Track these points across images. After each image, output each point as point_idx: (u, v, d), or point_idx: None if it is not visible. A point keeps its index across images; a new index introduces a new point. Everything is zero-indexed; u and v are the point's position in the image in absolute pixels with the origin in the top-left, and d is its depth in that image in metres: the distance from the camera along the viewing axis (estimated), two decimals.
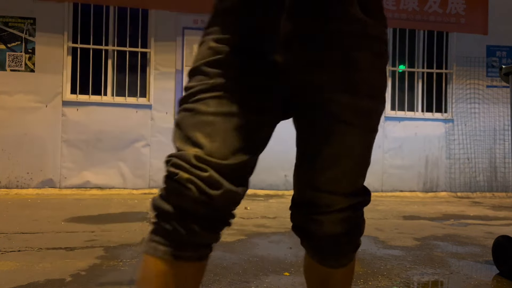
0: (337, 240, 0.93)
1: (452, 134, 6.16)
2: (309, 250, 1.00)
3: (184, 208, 0.80)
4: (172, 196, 0.81)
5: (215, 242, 0.86)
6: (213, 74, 0.85)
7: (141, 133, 5.46)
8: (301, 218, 0.94)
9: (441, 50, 6.26)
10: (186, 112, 0.85)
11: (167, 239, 0.81)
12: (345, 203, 0.89)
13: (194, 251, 0.83)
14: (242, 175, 0.84)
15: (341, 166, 0.87)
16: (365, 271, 2.32)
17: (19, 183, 5.19)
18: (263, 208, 4.24)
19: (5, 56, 5.20)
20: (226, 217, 0.85)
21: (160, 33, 5.52)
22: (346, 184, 0.89)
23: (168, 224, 0.81)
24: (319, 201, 0.89)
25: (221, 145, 0.81)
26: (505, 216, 4.38)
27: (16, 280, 2.06)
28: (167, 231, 0.81)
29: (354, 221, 0.94)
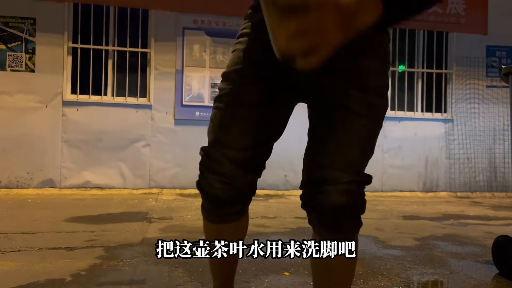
0: (342, 211, 1.02)
1: (452, 134, 6.16)
2: (316, 225, 1.09)
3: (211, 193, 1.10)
4: (201, 184, 1.12)
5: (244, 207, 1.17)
6: (237, 79, 1.07)
7: (141, 133, 5.47)
8: (310, 193, 1.05)
9: (441, 50, 6.26)
10: (215, 110, 1.10)
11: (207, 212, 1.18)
12: (350, 177, 1.02)
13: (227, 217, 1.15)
14: (257, 162, 1.11)
15: (351, 149, 1.02)
16: (365, 271, 2.32)
17: (19, 183, 5.20)
18: (263, 208, 4.24)
19: (5, 56, 5.21)
20: (248, 194, 1.14)
21: (160, 33, 5.52)
22: (352, 164, 1.03)
23: (204, 203, 1.16)
24: (328, 176, 1.02)
25: (239, 139, 1.06)
26: (505, 216, 4.39)
27: (16, 280, 2.07)
28: (204, 207, 1.18)
29: (357, 194, 1.04)
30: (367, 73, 1.03)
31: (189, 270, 2.24)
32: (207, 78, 5.55)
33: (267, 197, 4.90)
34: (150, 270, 2.27)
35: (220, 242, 1.12)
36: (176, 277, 2.16)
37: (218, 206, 1.14)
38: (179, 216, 3.82)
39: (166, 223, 3.51)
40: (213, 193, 1.10)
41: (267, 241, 1.10)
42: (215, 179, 1.08)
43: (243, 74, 1.08)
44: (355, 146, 1.02)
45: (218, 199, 1.11)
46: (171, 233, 3.14)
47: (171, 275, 2.19)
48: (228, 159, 1.07)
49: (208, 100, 5.55)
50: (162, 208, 4.28)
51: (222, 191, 1.09)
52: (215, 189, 1.09)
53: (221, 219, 1.16)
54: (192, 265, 2.30)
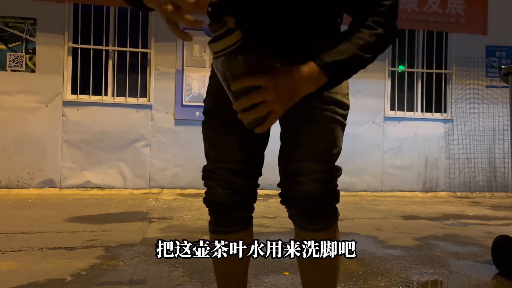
0: (317, 199, 1.10)
1: (452, 134, 6.17)
2: (294, 217, 1.16)
3: (215, 199, 1.18)
4: (206, 196, 1.21)
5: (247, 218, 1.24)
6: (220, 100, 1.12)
7: (142, 133, 5.47)
8: (286, 186, 1.13)
9: (440, 50, 6.26)
10: (205, 132, 1.20)
11: (212, 224, 1.22)
12: (321, 167, 1.10)
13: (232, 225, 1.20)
14: (252, 170, 1.19)
15: (319, 143, 1.10)
16: (365, 271, 2.33)
17: (19, 183, 5.20)
18: (263, 208, 4.25)
19: (6, 56, 5.21)
20: (249, 199, 1.22)
21: (160, 33, 5.52)
22: (322, 156, 1.10)
23: (210, 214, 1.23)
24: (301, 167, 1.10)
25: (231, 156, 1.16)
26: (504, 216, 4.39)
27: (16, 279, 2.07)
28: (210, 222, 1.23)
29: (330, 182, 1.11)
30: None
31: (189, 270, 2.25)
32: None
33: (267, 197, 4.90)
34: (150, 270, 2.28)
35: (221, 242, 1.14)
36: (176, 277, 2.16)
37: (222, 212, 1.19)
38: (179, 216, 3.83)
39: (166, 223, 3.52)
40: (216, 198, 1.18)
41: (267, 241, 1.10)
42: (216, 185, 1.17)
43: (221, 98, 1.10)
44: (322, 141, 1.10)
45: (221, 203, 1.18)
46: (171, 233, 3.15)
47: (171, 275, 2.20)
48: (225, 170, 1.16)
49: None
50: (162, 208, 4.28)
51: (225, 195, 1.17)
52: (218, 194, 1.17)
53: (226, 228, 1.20)
54: (192, 265, 2.30)
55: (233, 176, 1.16)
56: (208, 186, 1.20)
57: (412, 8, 6.06)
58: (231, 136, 1.15)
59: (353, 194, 5.65)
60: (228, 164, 1.16)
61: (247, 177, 1.18)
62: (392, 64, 6.12)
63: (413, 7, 6.06)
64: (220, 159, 1.17)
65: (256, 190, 1.23)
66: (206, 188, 1.20)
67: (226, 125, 1.14)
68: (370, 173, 5.94)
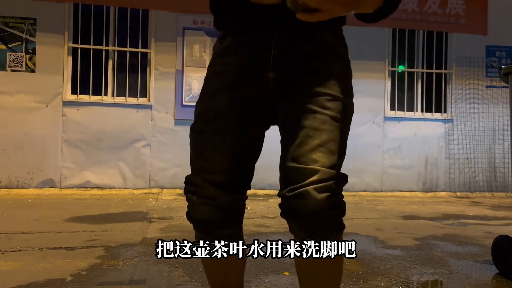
0: (322, 215, 0.99)
1: (452, 134, 6.17)
2: (297, 232, 1.05)
3: (199, 217, 1.11)
4: (189, 212, 1.14)
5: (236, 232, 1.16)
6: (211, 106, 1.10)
7: (142, 133, 5.47)
8: (288, 198, 1.01)
9: (440, 50, 6.26)
10: (192, 137, 1.13)
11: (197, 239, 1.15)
12: (325, 174, 0.99)
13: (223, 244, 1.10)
14: (239, 183, 1.11)
15: (323, 149, 1.01)
16: (365, 271, 2.33)
17: (19, 183, 5.20)
18: (263, 208, 4.25)
19: (6, 56, 5.21)
20: (235, 215, 1.14)
21: (160, 33, 5.52)
22: (324, 160, 1.00)
23: (195, 232, 1.17)
24: (302, 174, 0.99)
25: (217, 164, 1.08)
26: (504, 216, 4.39)
27: (16, 279, 2.07)
28: (196, 237, 1.17)
29: (335, 194, 1.00)
30: (332, 76, 1.07)
31: (189, 270, 2.25)
32: None
33: (267, 197, 4.91)
34: (150, 270, 2.28)
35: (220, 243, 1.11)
36: (176, 277, 2.16)
37: (207, 231, 1.13)
38: (179, 216, 3.83)
39: (166, 223, 3.52)
40: (201, 217, 1.11)
41: (267, 241, 1.10)
42: (200, 202, 1.09)
43: (216, 101, 1.10)
44: (325, 145, 1.02)
45: (205, 222, 1.11)
46: (171, 233, 3.15)
47: (171, 275, 2.20)
48: (209, 182, 1.08)
49: None
50: (162, 208, 4.28)
51: (209, 213, 1.09)
52: (202, 212, 1.10)
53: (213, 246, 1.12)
54: (192, 265, 2.30)
55: (219, 190, 1.08)
56: (191, 203, 1.11)
57: (412, 8, 6.06)
58: (222, 142, 1.08)
59: (353, 194, 5.65)
60: (215, 176, 1.08)
61: (235, 191, 1.11)
62: (392, 64, 6.12)
63: (413, 7, 6.06)
64: (207, 168, 1.09)
65: (244, 203, 1.15)
66: (188, 203, 1.12)
67: (219, 130, 1.09)
68: (370, 173, 5.94)
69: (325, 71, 1.07)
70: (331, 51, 1.09)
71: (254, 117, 1.11)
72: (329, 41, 1.08)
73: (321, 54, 1.07)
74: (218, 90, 1.11)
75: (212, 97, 1.12)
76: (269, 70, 1.07)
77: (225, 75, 1.11)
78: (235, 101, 1.09)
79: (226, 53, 1.13)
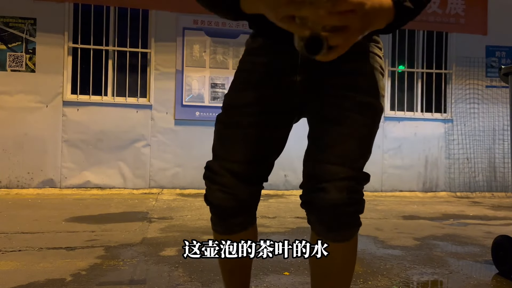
0: (341, 209, 1.02)
1: (452, 134, 6.17)
2: (315, 223, 1.08)
3: (215, 203, 1.14)
4: (207, 196, 1.16)
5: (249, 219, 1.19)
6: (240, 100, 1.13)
7: (142, 133, 5.47)
8: (310, 191, 1.05)
9: (440, 50, 6.26)
10: (218, 126, 1.16)
11: (214, 223, 1.20)
12: (348, 173, 1.02)
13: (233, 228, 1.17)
14: (256, 176, 1.15)
15: (348, 146, 1.04)
16: (365, 271, 2.33)
17: (19, 183, 5.20)
18: (263, 208, 4.25)
19: (6, 56, 5.21)
20: (251, 205, 1.18)
21: (160, 33, 5.52)
22: (350, 160, 1.03)
23: (211, 214, 1.19)
24: (326, 171, 1.02)
25: (237, 154, 1.11)
26: (504, 216, 4.39)
27: (16, 279, 2.07)
28: (212, 220, 1.20)
29: (356, 191, 1.04)
30: (362, 76, 1.08)
31: (189, 270, 2.25)
32: (207, 78, 5.56)
33: (267, 197, 4.90)
34: (150, 270, 2.28)
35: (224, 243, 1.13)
36: (176, 277, 2.16)
37: (222, 217, 1.17)
38: (179, 216, 3.83)
39: (166, 223, 3.52)
40: (217, 203, 1.14)
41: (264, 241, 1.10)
42: (216, 189, 1.12)
43: (243, 96, 1.13)
44: (352, 144, 1.04)
45: (221, 208, 1.15)
46: (171, 233, 3.15)
47: (171, 275, 2.20)
48: (226, 170, 1.11)
49: (208, 100, 5.55)
50: (162, 208, 4.28)
51: (224, 200, 1.12)
52: (218, 199, 1.13)
53: (227, 230, 1.18)
54: (192, 265, 2.30)
55: (236, 180, 1.11)
56: (208, 187, 1.16)
57: None
58: (244, 135, 1.11)
59: None
60: (234, 165, 1.11)
61: (251, 182, 1.14)
62: (392, 64, 6.12)
63: None
64: (227, 157, 1.11)
65: (259, 195, 1.19)
66: (206, 187, 1.17)
67: (243, 124, 1.11)
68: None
69: (354, 72, 1.07)
70: (361, 51, 1.09)
71: (278, 116, 1.13)
72: (360, 41, 1.02)
73: (350, 55, 1.00)
74: (245, 86, 1.14)
75: (239, 92, 1.15)
76: (296, 73, 1.09)
77: (253, 73, 1.14)
78: (260, 99, 1.11)
79: (256, 53, 1.16)
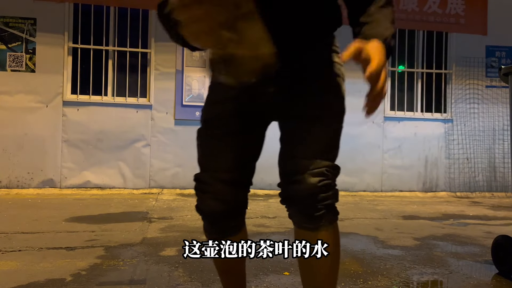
0: (316, 198, 1.11)
1: (452, 134, 6.17)
2: (296, 215, 1.17)
3: (208, 211, 1.22)
4: (199, 206, 1.24)
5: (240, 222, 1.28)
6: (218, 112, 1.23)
7: (142, 133, 5.47)
8: (286, 185, 1.15)
9: (440, 51, 6.26)
10: (201, 139, 1.26)
11: (207, 231, 1.29)
12: (320, 164, 1.12)
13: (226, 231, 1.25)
14: (244, 180, 1.24)
15: (318, 142, 1.15)
16: (365, 271, 2.33)
17: (19, 183, 5.20)
18: (263, 207, 4.25)
19: (6, 56, 5.21)
20: (240, 208, 1.26)
21: (160, 33, 5.51)
22: (321, 154, 1.14)
23: (204, 223, 1.28)
24: (299, 165, 1.12)
25: (225, 164, 1.20)
26: (504, 216, 4.39)
27: (16, 279, 2.07)
28: (205, 229, 1.30)
29: (329, 180, 1.13)
30: (327, 82, 1.21)
31: (189, 270, 2.25)
32: (207, 78, 5.56)
33: (267, 197, 4.90)
34: (150, 270, 2.28)
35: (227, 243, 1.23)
36: (176, 277, 2.16)
37: (215, 222, 1.25)
38: (179, 216, 3.83)
39: (166, 223, 3.52)
40: (209, 210, 1.22)
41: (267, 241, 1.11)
42: (208, 198, 1.21)
43: (221, 108, 1.23)
44: (321, 140, 1.16)
45: (214, 215, 1.23)
46: (171, 233, 3.15)
47: (171, 275, 2.20)
48: (217, 180, 1.20)
49: None
50: (162, 208, 4.29)
51: (216, 206, 1.21)
52: (210, 206, 1.21)
53: (220, 235, 1.26)
54: (192, 265, 2.31)
55: (225, 186, 1.20)
56: (200, 198, 1.24)
57: (412, 8, 6.06)
58: (227, 145, 1.21)
59: (353, 194, 5.65)
60: (222, 173, 1.20)
61: (239, 187, 1.23)
62: (392, 64, 6.11)
63: (413, 7, 6.06)
64: (214, 167, 1.21)
65: (247, 198, 1.28)
66: (198, 198, 1.25)
67: (224, 134, 1.21)
68: (370, 173, 5.94)
69: (320, 79, 1.20)
70: (325, 62, 1.23)
71: (254, 122, 1.24)
72: (323, 53, 1.23)
73: (316, 66, 1.20)
74: (222, 99, 1.23)
75: (216, 105, 1.24)
76: (271, 85, 1.17)
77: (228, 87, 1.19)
78: (237, 109, 1.21)
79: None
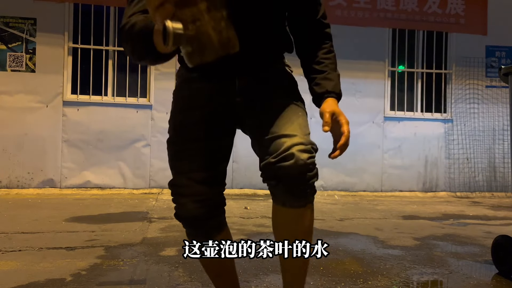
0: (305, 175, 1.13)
1: (452, 134, 6.17)
2: (279, 194, 1.18)
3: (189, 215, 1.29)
4: (178, 213, 1.31)
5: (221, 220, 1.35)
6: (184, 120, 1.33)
7: (142, 133, 5.47)
8: (273, 163, 1.14)
9: (440, 51, 6.26)
10: (171, 147, 1.36)
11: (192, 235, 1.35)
12: (304, 139, 1.16)
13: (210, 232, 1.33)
14: (217, 178, 1.31)
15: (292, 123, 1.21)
16: (365, 271, 2.33)
17: (19, 183, 5.20)
18: (263, 207, 4.25)
19: (6, 56, 5.21)
20: (219, 204, 1.32)
21: None
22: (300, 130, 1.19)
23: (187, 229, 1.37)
24: (283, 142, 1.14)
25: (195, 166, 1.27)
26: (504, 216, 4.39)
27: (16, 279, 2.07)
28: (188, 234, 1.38)
29: (314, 156, 1.16)
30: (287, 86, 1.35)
31: (189, 270, 2.25)
32: None
33: (267, 197, 4.90)
34: (150, 269, 2.28)
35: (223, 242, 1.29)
36: (176, 277, 2.16)
37: (198, 225, 1.30)
38: None
39: (166, 223, 3.52)
40: (190, 215, 1.28)
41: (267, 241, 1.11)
42: (187, 201, 1.26)
43: (189, 117, 1.31)
44: (296, 122, 1.22)
45: (195, 218, 1.28)
46: (172, 233, 3.15)
47: (171, 275, 2.20)
48: (193, 180, 1.26)
49: None
50: (162, 208, 4.29)
51: (197, 208, 1.26)
52: (191, 210, 1.26)
53: (206, 236, 1.31)
54: (192, 265, 2.31)
55: (201, 186, 1.25)
56: (178, 203, 1.28)
57: (412, 8, 6.06)
58: (198, 148, 1.28)
59: (353, 194, 5.65)
60: (196, 174, 1.26)
61: (214, 185, 1.28)
62: (392, 64, 6.12)
63: (413, 7, 6.06)
64: (188, 169, 1.27)
65: (223, 196, 1.33)
66: (176, 204, 1.29)
67: (194, 139, 1.29)
68: (370, 173, 5.94)
69: (280, 84, 1.34)
70: (281, 73, 1.38)
71: (222, 129, 1.32)
72: (279, 67, 1.39)
73: (275, 76, 1.34)
74: (189, 107, 1.31)
75: (184, 112, 1.33)
76: (236, 95, 1.29)
77: (195, 96, 1.32)
78: (205, 117, 1.29)
79: (196, 80, 1.33)
